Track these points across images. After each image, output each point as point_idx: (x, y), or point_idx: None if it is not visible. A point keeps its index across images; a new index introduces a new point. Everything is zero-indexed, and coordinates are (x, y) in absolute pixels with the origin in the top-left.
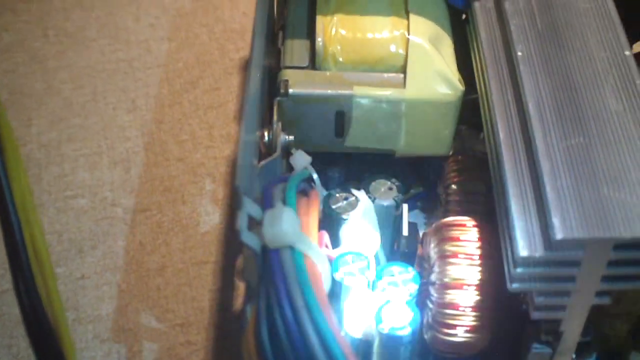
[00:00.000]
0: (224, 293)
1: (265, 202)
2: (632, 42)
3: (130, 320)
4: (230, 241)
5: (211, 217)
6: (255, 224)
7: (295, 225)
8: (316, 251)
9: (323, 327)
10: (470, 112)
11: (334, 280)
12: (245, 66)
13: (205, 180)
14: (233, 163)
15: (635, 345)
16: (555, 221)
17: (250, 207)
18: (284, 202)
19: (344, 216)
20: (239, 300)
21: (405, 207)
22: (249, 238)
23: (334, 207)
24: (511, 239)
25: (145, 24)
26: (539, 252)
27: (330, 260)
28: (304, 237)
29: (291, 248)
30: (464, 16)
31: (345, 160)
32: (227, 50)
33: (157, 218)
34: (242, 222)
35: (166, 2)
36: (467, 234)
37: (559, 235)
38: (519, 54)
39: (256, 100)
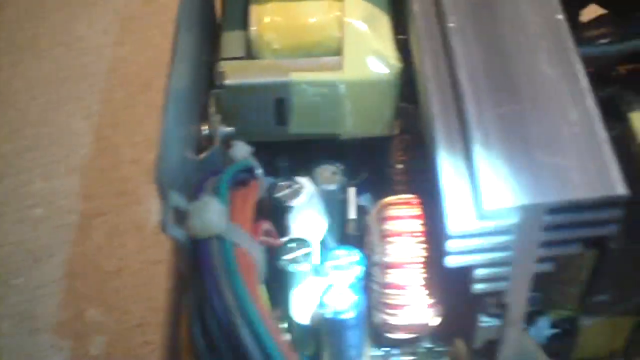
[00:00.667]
0: (180, 291)
1: (198, 195)
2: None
3: (88, 325)
4: None
5: None
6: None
7: (222, 215)
8: (248, 240)
9: (252, 317)
10: (416, 90)
11: (279, 268)
12: None
13: None
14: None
15: (585, 309)
16: (485, 190)
17: (176, 200)
18: (215, 193)
19: (288, 204)
20: None
21: (352, 190)
22: (174, 231)
23: (278, 195)
24: (443, 212)
25: (99, 30)
26: (471, 224)
27: (276, 249)
28: (234, 227)
29: (219, 238)
30: None
31: (293, 148)
32: None
33: (113, 221)
34: (166, 215)
35: (118, 7)
36: (408, 212)
37: (487, 204)
38: (451, 25)
39: (184, 94)
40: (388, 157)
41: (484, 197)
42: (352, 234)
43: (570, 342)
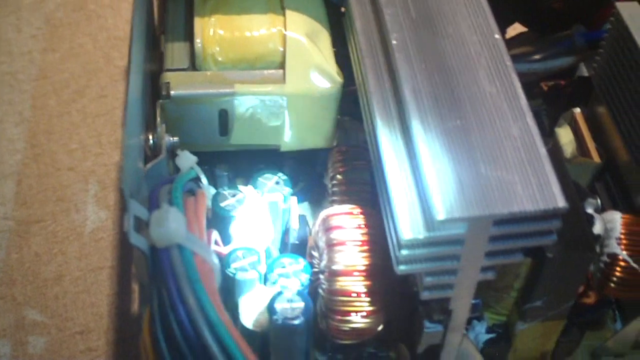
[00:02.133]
0: (121, 297)
1: (152, 204)
2: (501, 27)
3: (28, 333)
4: (125, 245)
5: (104, 223)
6: (144, 226)
7: (182, 224)
8: (204, 248)
9: (216, 323)
10: (352, 103)
11: (227, 276)
12: None
13: (97, 187)
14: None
15: (520, 315)
16: (436, 202)
17: (137, 209)
18: (170, 202)
19: (233, 213)
20: (136, 304)
21: (293, 200)
22: (137, 240)
23: (223, 205)
24: (394, 222)
25: (28, 35)
26: (422, 234)
27: (222, 257)
28: (192, 236)
29: (179, 247)
30: (342, 9)
31: (233, 158)
32: (112, 58)
33: (51, 228)
34: (129, 224)
35: (47, 12)
36: (353, 222)
37: (440, 215)
38: (394, 42)
39: (138, 105)
40: (325, 167)
41: (436, 208)
42: (292, 242)
43: (505, 346)
